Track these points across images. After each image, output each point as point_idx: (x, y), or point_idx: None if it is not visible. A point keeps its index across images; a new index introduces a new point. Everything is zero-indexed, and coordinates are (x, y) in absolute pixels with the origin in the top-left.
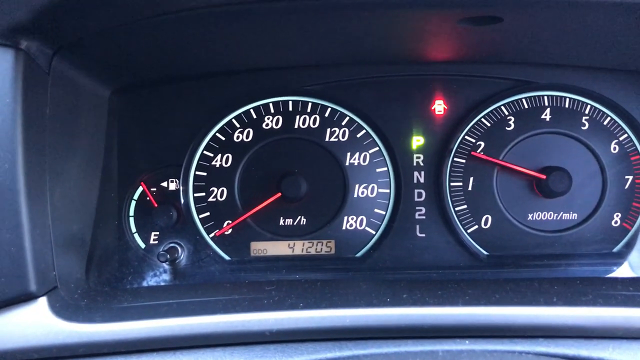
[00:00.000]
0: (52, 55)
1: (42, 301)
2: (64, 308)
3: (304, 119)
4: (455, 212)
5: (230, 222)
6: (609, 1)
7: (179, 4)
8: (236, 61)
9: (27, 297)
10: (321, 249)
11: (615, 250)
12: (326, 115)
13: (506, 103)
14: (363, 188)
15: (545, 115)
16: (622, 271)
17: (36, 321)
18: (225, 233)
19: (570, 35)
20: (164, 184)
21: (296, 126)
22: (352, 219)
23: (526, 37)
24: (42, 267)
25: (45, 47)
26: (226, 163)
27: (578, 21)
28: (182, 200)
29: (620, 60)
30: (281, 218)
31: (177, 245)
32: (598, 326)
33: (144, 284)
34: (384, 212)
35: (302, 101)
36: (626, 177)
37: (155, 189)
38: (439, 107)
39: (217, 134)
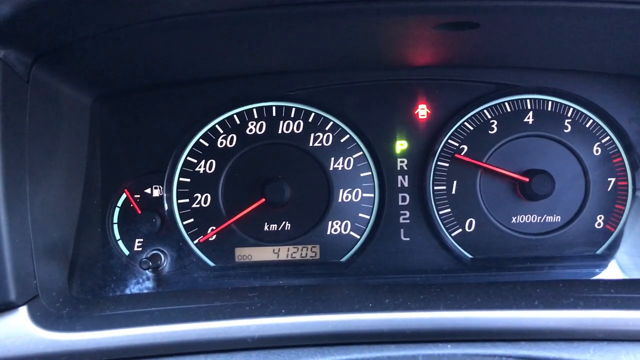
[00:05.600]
0: (31, 64)
1: (23, 310)
2: (45, 317)
3: (288, 124)
4: (439, 215)
5: (214, 228)
6: (576, 6)
7: (158, 12)
8: (219, 67)
9: (7, 307)
10: (306, 254)
11: (598, 252)
12: (310, 120)
13: (489, 107)
14: (347, 193)
15: (528, 118)
16: (609, 273)
17: (16, 331)
18: (210, 239)
19: (549, 40)
20: (148, 190)
21: (280, 131)
22: (337, 223)
23: (505, 41)
24: (23, 275)
25: (24, 56)
26: (210, 169)
27: (554, 26)
28: (166, 207)
29: (602, 63)
30: (265, 223)
31: (160, 253)
32: (579, 329)
33: (128, 291)
34: (368, 217)
35: (285, 106)
36: (609, 179)
37: (139, 196)
38: (422, 111)
39: (201, 140)
